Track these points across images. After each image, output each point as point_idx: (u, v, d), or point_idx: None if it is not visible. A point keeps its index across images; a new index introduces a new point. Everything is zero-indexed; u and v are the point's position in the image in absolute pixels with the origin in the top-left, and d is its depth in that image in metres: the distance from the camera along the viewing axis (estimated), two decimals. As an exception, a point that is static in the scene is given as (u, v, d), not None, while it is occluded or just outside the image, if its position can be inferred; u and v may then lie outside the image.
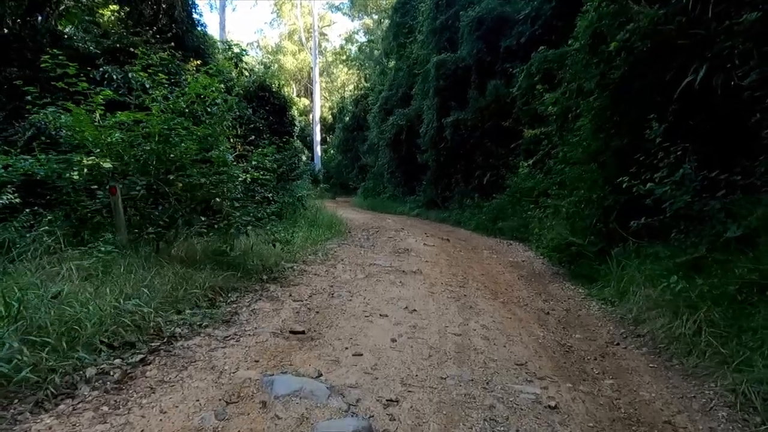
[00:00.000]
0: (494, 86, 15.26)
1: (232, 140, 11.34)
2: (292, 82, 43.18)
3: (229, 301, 5.19)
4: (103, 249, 5.05)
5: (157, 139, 6.02)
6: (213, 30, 43.08)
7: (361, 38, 40.96)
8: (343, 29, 63.76)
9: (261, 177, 11.37)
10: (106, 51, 10.40)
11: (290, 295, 5.55)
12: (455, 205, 16.92)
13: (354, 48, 42.38)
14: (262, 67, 44.65)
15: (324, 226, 12.34)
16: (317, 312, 4.90)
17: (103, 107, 6.25)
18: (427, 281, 6.80)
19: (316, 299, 5.45)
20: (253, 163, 7.56)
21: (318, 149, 36.51)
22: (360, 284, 6.32)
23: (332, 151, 37.36)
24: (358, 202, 26.23)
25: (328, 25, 43.25)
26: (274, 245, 6.84)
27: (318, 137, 36.51)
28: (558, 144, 9.13)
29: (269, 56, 44.74)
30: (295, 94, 42.22)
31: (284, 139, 12.56)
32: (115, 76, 9.50)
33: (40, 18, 10.43)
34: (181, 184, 6.14)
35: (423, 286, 6.41)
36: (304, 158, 37.21)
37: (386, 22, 28.69)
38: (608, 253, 7.14)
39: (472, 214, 15.27)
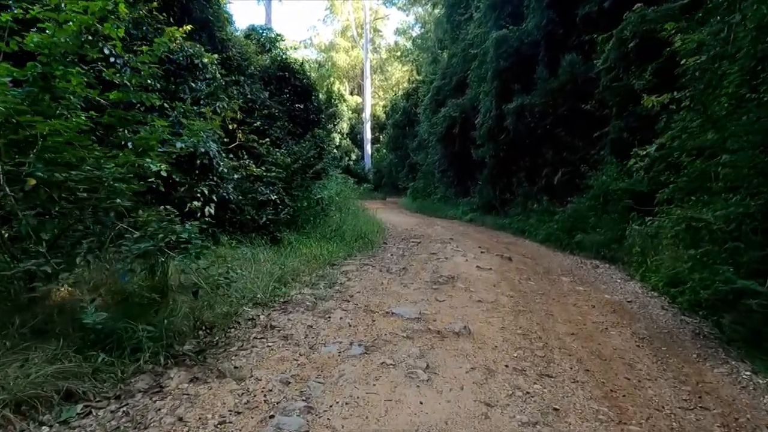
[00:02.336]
0: (569, 62, 11.66)
1: (231, 127, 8.56)
2: (344, 79, 40.61)
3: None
4: None
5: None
6: (259, 23, 41.16)
7: (415, 32, 37.67)
8: (398, 23, 60.59)
9: (265, 174, 8.56)
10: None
11: (180, 420, 2.52)
12: (517, 210, 13.43)
13: (408, 43, 39.19)
14: (316, 65, 42.53)
15: (350, 236, 9.33)
16: None
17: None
18: (478, 360, 3.58)
19: (223, 438, 2.40)
20: (183, 143, 4.53)
21: (368, 147, 33.69)
22: (347, 375, 3.19)
23: (384, 151, 34.41)
24: (406, 204, 23.10)
25: (381, 18, 40.27)
26: (195, 295, 3.75)
27: (368, 135, 33.68)
28: (695, 118, 5.54)
29: (322, 54, 42.41)
30: (347, 92, 39.64)
31: (294, 127, 9.62)
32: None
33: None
34: (33, 181, 3.26)
35: (468, 380, 3.21)
36: (353, 156, 34.61)
37: (439, 9, 25.33)
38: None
39: (539, 221, 11.75)
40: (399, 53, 40.83)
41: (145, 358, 3.05)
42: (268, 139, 8.82)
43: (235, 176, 7.89)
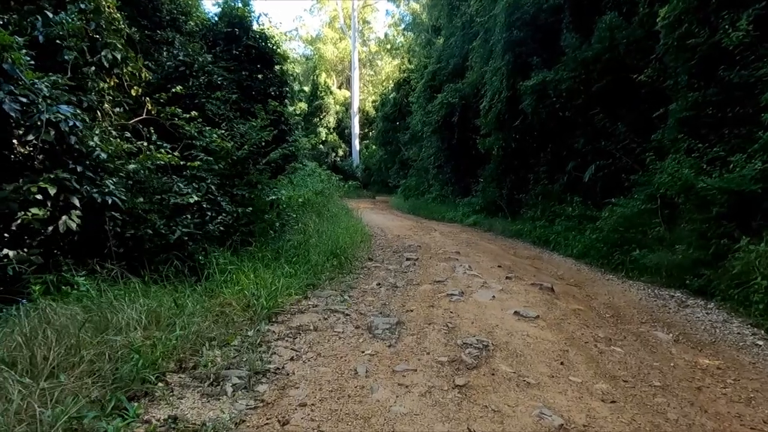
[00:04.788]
0: (608, 25, 8.65)
1: (134, 92, 5.45)
2: (332, 73, 37.32)
3: None
4: None
5: None
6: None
7: (407, 21, 34.35)
8: (387, 14, 56.70)
9: (188, 164, 5.46)
10: None
11: None
12: (534, 213, 10.40)
13: (398, 35, 36.01)
14: (303, 58, 39.19)
15: (321, 252, 6.29)
16: None
17: None
18: None
19: None
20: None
21: (356, 143, 30.52)
22: None
23: (373, 147, 31.14)
24: (398, 203, 20.04)
25: (369, 5, 36.82)
26: None
27: (357, 130, 30.50)
28: None
29: (309, 46, 39.08)
30: (335, 85, 36.39)
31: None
32: None
33: None
34: None
35: None
36: (341, 152, 31.41)
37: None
38: None
39: (569, 229, 8.76)
40: (389, 46, 37.65)
41: None
42: (195, 113, 5.70)
43: (131, 166, 4.78)
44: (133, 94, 5.32)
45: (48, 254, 4.00)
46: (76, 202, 4.00)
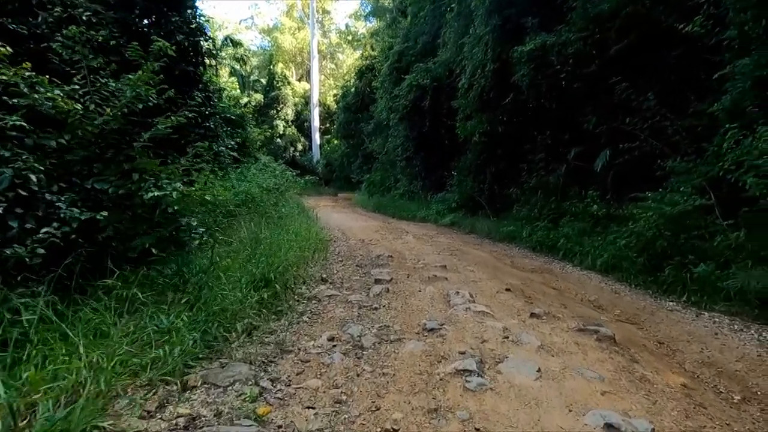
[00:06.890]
0: (628, -30, 6.52)
1: None
2: (291, 65, 34.30)
3: None
4: None
5: None
6: None
7: (367, 10, 31.72)
8: (350, 9, 53.33)
9: None
10: None
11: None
12: (531, 212, 8.18)
13: (360, 27, 33.41)
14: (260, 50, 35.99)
15: (244, 280, 3.82)
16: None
17: None
18: None
19: None
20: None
21: (317, 137, 27.83)
22: None
23: (335, 141, 28.47)
24: (362, 201, 17.63)
25: (328, -9, 34.03)
26: None
27: (317, 123, 27.80)
28: None
29: (266, 36, 35.89)
30: (295, 78, 33.41)
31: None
32: None
33: None
34: None
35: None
36: (300, 146, 28.62)
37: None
38: None
39: (584, 232, 6.61)
40: (350, 37, 35.01)
41: None
42: (6, 48, 3.09)
43: None
44: None
45: None
46: None
